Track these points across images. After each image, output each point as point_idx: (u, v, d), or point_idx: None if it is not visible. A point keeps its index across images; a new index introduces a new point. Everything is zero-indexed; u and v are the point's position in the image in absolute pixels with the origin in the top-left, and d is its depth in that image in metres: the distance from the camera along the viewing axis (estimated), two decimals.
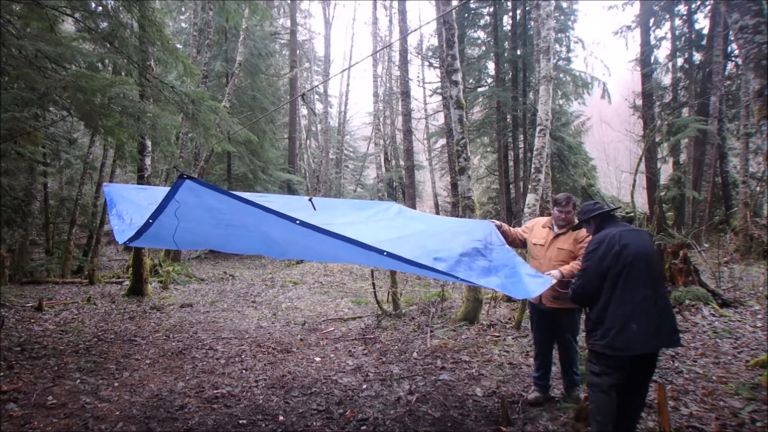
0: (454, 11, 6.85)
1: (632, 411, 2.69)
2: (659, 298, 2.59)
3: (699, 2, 15.23)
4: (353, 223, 3.57)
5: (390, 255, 2.51)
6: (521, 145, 16.60)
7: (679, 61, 16.33)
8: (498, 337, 5.30)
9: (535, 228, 3.59)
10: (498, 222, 3.62)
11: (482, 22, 17.84)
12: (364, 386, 4.16)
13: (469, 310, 5.96)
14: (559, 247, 3.34)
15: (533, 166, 7.29)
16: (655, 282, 2.64)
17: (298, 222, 2.42)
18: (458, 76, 6.36)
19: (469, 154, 6.40)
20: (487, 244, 3.24)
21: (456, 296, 7.45)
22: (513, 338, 5.20)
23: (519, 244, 3.63)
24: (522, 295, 2.95)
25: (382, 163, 18.67)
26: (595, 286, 2.65)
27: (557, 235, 3.38)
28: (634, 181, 9.25)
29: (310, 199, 3.70)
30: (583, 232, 3.17)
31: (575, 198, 3.51)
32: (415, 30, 19.84)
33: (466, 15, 17.12)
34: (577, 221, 3.19)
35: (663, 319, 2.57)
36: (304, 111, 24.86)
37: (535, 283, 2.97)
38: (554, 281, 3.00)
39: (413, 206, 15.69)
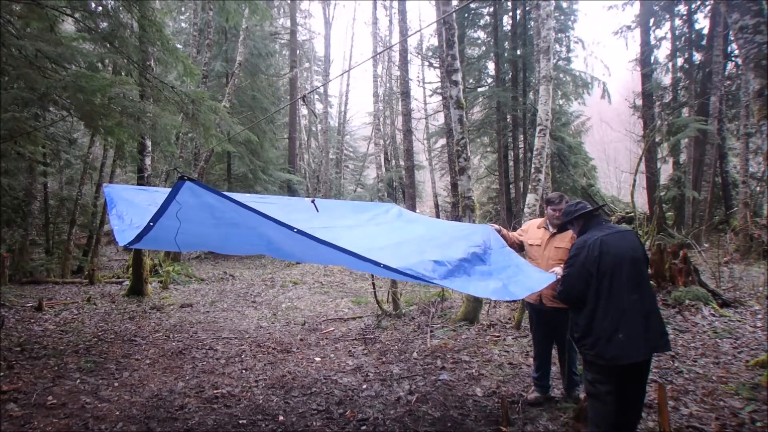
0: (453, 11, 6.84)
1: (631, 415, 2.68)
2: (646, 302, 2.56)
3: (699, 2, 15.21)
4: (353, 226, 3.56)
5: (386, 267, 2.50)
6: (521, 145, 16.60)
7: (679, 61, 16.32)
8: (498, 337, 5.30)
9: (530, 229, 3.61)
10: (497, 226, 3.64)
11: (482, 22, 17.83)
12: (364, 386, 4.16)
13: (469, 310, 5.97)
14: (557, 246, 3.35)
15: (533, 166, 7.27)
16: (641, 285, 2.59)
17: (295, 230, 2.42)
18: (458, 76, 6.36)
19: (469, 154, 6.40)
20: (487, 249, 3.24)
21: (456, 296, 7.44)
22: (513, 338, 5.20)
23: (516, 248, 3.63)
24: (527, 291, 2.94)
25: (382, 163, 18.66)
26: (579, 291, 2.64)
27: (553, 235, 3.40)
28: (634, 181, 9.24)
29: (312, 201, 3.68)
30: None
31: (567, 197, 3.51)
32: (416, 32, 19.82)
33: (466, 15, 17.11)
34: None
35: (650, 325, 2.53)
36: (304, 111, 24.87)
37: (539, 278, 2.98)
38: (558, 277, 3.00)
39: (413, 206, 15.69)
